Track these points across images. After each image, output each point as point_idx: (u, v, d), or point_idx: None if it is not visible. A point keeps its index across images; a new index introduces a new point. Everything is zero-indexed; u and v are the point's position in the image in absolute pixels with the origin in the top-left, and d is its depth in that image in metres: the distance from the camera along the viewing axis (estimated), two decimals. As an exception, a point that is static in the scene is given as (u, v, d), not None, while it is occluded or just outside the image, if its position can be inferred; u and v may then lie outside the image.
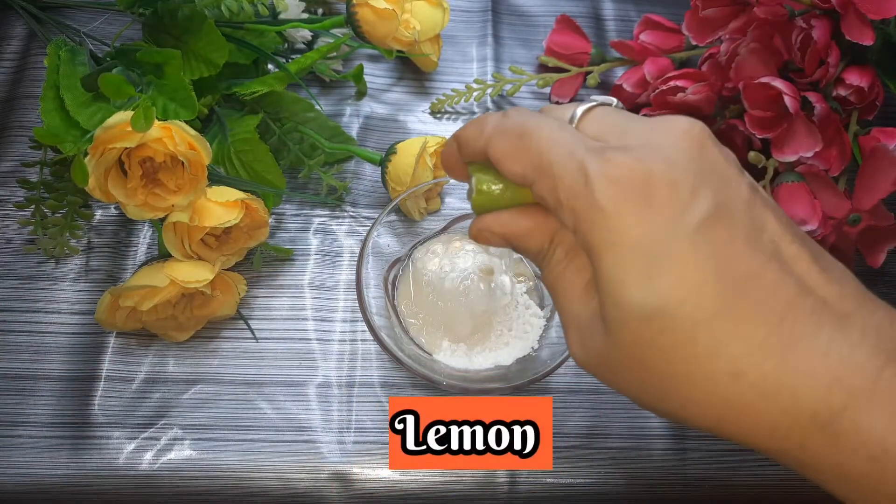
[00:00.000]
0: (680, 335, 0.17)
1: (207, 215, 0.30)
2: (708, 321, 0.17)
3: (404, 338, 0.32)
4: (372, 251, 0.32)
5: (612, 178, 0.17)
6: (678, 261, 0.17)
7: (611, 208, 0.17)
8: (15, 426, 0.32)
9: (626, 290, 0.17)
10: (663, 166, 0.17)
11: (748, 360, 0.16)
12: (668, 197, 0.17)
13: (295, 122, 0.38)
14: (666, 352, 0.17)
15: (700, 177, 0.18)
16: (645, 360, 0.17)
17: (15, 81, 0.40)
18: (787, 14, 0.33)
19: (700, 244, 0.17)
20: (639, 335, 0.17)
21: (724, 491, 0.33)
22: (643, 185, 0.17)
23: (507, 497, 0.32)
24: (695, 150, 0.18)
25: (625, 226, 0.17)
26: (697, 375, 0.17)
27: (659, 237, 0.17)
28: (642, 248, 0.17)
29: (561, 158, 0.18)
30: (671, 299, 0.17)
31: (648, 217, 0.17)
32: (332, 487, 0.32)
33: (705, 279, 0.17)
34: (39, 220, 0.35)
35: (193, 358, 0.34)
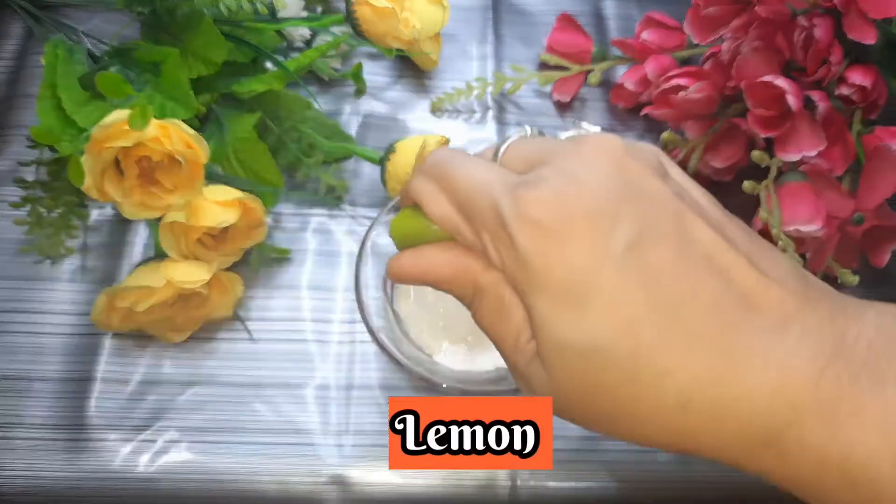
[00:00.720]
0: (621, 373, 0.16)
1: (204, 215, 0.30)
2: (647, 354, 0.16)
3: (403, 339, 0.32)
4: (371, 251, 0.32)
5: (529, 220, 0.17)
6: (608, 293, 0.16)
7: (532, 251, 0.17)
8: (10, 428, 0.31)
9: (559, 331, 0.17)
10: (579, 198, 0.17)
11: (693, 389, 0.16)
12: (587, 231, 0.17)
13: (293, 121, 0.37)
14: (610, 389, 0.17)
15: (619, 200, 0.17)
16: (592, 399, 0.17)
17: (12, 80, 0.40)
18: (789, 13, 0.33)
19: (627, 274, 0.16)
20: (581, 375, 0.17)
21: (728, 493, 0.33)
22: (561, 223, 0.17)
23: (509, 501, 0.32)
24: (611, 171, 0.18)
25: (548, 266, 0.17)
26: (644, 410, 0.17)
27: (584, 273, 0.16)
28: (570, 284, 0.17)
29: (479, 202, 0.18)
30: (606, 335, 0.16)
31: (571, 255, 0.17)
32: (330, 490, 0.31)
33: (637, 310, 0.16)
34: (35, 219, 0.35)
35: (190, 359, 0.34)
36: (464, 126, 0.41)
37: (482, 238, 0.18)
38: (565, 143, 0.19)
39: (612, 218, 0.17)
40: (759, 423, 0.16)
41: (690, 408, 0.16)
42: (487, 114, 0.41)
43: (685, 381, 0.16)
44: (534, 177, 0.18)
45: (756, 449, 0.16)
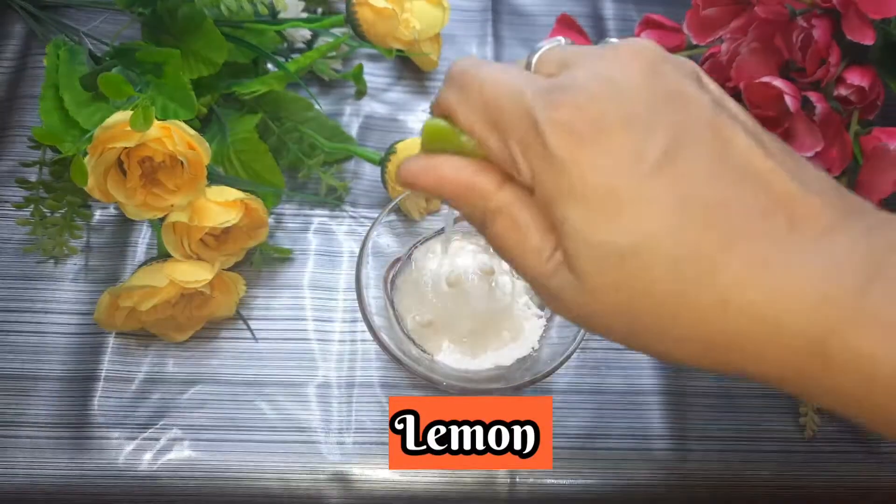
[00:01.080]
0: (660, 272, 0.16)
1: (207, 215, 0.30)
2: (686, 252, 0.16)
3: (404, 338, 0.32)
4: (372, 251, 0.32)
5: (562, 124, 0.16)
6: (645, 198, 0.16)
7: (566, 156, 0.16)
8: (14, 426, 0.32)
9: (595, 235, 0.16)
10: (614, 103, 0.17)
11: (733, 289, 0.16)
12: (623, 136, 0.16)
13: (294, 122, 0.37)
14: (650, 291, 0.16)
15: (655, 106, 0.17)
16: (627, 305, 0.17)
17: (14, 81, 0.40)
18: (787, 13, 0.33)
19: (664, 178, 0.16)
20: (618, 278, 0.16)
21: (725, 491, 0.33)
22: (596, 128, 0.16)
23: (508, 498, 0.32)
24: (647, 75, 0.17)
25: (583, 172, 0.16)
26: (684, 311, 0.16)
27: (620, 178, 0.16)
28: (605, 191, 0.16)
29: (509, 107, 0.17)
30: (644, 237, 0.16)
31: (606, 159, 0.16)
32: (331, 488, 0.32)
33: (675, 212, 0.16)
34: (38, 219, 0.35)
35: (193, 358, 0.34)
36: (464, 126, 0.41)
37: (510, 147, 0.17)
38: (599, 47, 0.18)
39: (648, 123, 0.16)
40: (802, 329, 0.15)
41: (731, 307, 0.16)
42: (487, 114, 0.41)
43: (725, 280, 0.16)
44: (567, 79, 0.17)
45: (798, 356, 0.16)
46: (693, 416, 0.34)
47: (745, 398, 0.34)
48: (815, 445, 0.34)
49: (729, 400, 0.34)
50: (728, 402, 0.34)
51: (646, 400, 0.34)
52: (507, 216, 0.18)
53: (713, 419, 0.34)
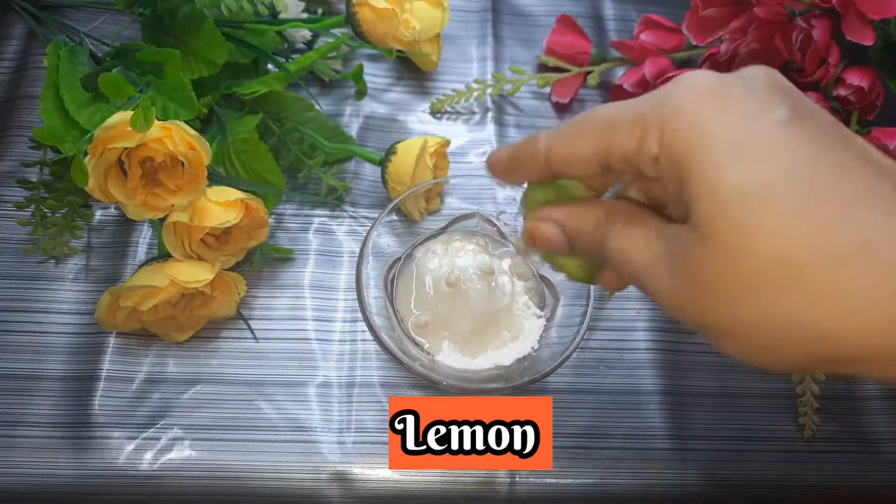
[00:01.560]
0: (785, 214, 0.15)
1: (207, 215, 0.30)
2: (815, 201, 0.15)
3: (404, 338, 0.32)
4: (372, 251, 0.32)
5: (692, 87, 0.17)
6: (770, 148, 0.16)
7: (696, 110, 0.17)
8: (15, 426, 0.32)
9: (720, 177, 0.16)
10: (737, 80, 0.18)
11: (875, 231, 0.15)
12: (747, 100, 0.17)
13: (295, 122, 0.38)
14: (770, 235, 0.16)
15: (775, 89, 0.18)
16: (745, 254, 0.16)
17: (15, 81, 0.40)
18: (787, 14, 0.33)
19: (790, 135, 0.16)
20: (738, 221, 0.16)
21: (724, 491, 0.33)
22: (722, 91, 0.17)
23: (507, 497, 0.32)
24: (768, 77, 0.18)
25: (710, 123, 0.17)
26: (819, 256, 0.15)
27: (746, 130, 0.17)
28: (731, 140, 0.17)
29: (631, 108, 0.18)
30: (770, 179, 0.16)
31: (734, 116, 0.17)
32: (332, 487, 0.32)
33: (801, 163, 0.16)
34: (39, 220, 0.35)
35: (193, 358, 0.34)
36: (463, 127, 0.41)
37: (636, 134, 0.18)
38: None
39: (770, 95, 0.17)
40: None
41: (873, 252, 0.15)
42: (487, 115, 0.42)
43: (866, 223, 0.15)
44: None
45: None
46: (693, 416, 0.34)
47: (744, 398, 0.35)
48: (815, 445, 0.34)
49: (729, 400, 0.34)
50: (728, 402, 0.34)
51: (646, 400, 0.34)
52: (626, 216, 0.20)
53: (713, 419, 0.34)
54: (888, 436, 0.34)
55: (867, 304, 0.15)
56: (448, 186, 0.38)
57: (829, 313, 0.15)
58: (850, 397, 0.35)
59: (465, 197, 0.37)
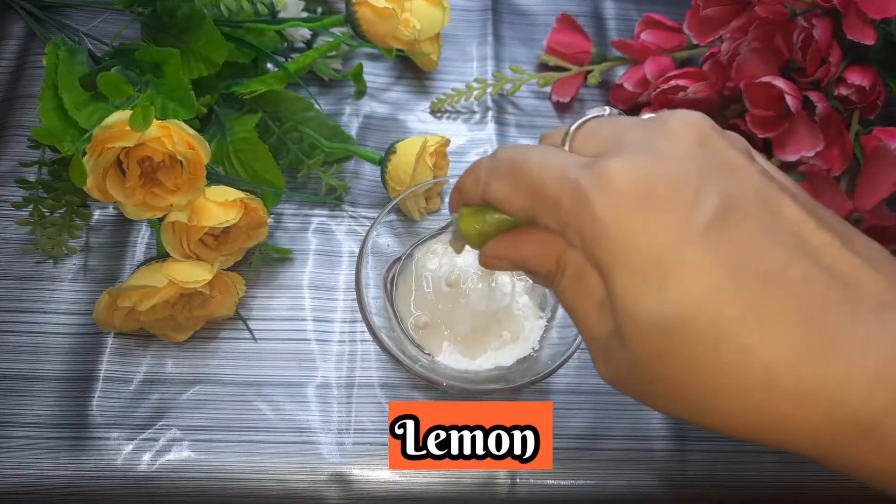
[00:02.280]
0: (703, 346, 0.16)
1: (206, 215, 0.30)
2: (732, 328, 0.15)
3: (404, 338, 0.32)
4: (371, 251, 0.32)
5: (609, 190, 0.16)
6: (691, 267, 0.16)
7: (612, 221, 0.16)
8: (12, 427, 0.32)
9: (639, 304, 0.16)
10: (661, 167, 0.16)
11: (781, 367, 0.15)
12: (670, 199, 0.16)
13: (294, 122, 0.37)
14: (691, 365, 0.16)
15: (704, 173, 0.16)
16: (671, 376, 0.16)
17: (13, 81, 0.40)
18: (788, 13, 0.33)
19: (713, 246, 0.16)
20: (661, 349, 0.16)
21: (725, 492, 0.33)
22: (643, 191, 0.16)
23: (508, 498, 0.32)
24: (695, 144, 0.17)
25: (630, 237, 0.16)
26: (727, 387, 0.16)
27: (667, 244, 0.16)
28: (651, 257, 0.16)
29: (555, 182, 0.18)
30: (689, 308, 0.16)
31: (653, 224, 0.16)
32: (331, 488, 0.32)
33: (722, 283, 0.16)
34: (37, 219, 0.35)
35: (192, 358, 0.34)
36: (463, 127, 0.41)
37: (561, 218, 0.18)
38: (647, 120, 0.18)
39: (696, 189, 0.16)
40: (855, 409, 0.15)
41: (778, 387, 0.15)
42: (487, 114, 0.41)
43: (773, 358, 0.15)
44: (615, 150, 0.17)
45: (849, 437, 0.15)
46: (693, 417, 0.34)
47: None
48: (816, 446, 0.33)
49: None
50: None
51: (646, 400, 0.34)
52: (575, 268, 0.19)
53: (714, 420, 0.34)
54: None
55: (775, 429, 0.16)
56: (448, 186, 0.38)
57: (745, 431, 0.17)
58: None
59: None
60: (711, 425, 0.17)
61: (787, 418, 0.16)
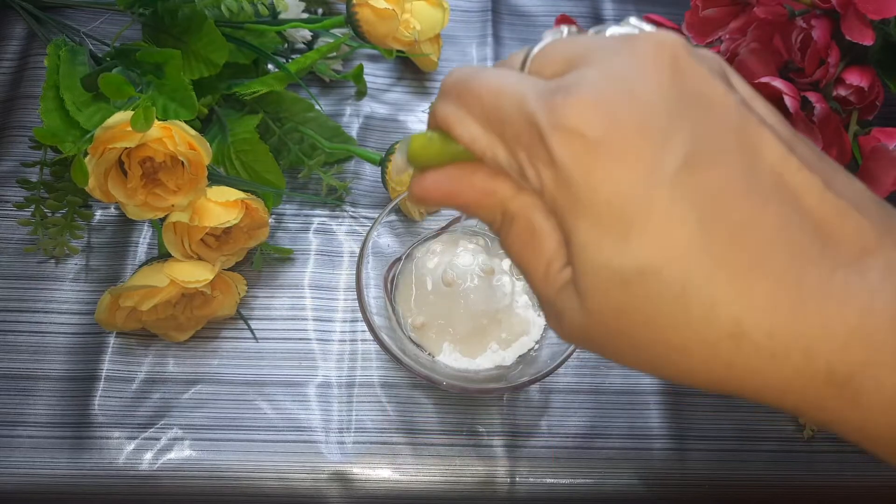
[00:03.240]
0: (667, 300, 0.14)
1: (207, 215, 0.30)
2: (698, 281, 0.14)
3: (404, 338, 0.32)
4: (372, 251, 0.32)
5: (568, 130, 0.15)
6: (658, 216, 0.14)
7: (573, 167, 0.15)
8: (15, 426, 0.32)
9: (600, 255, 0.15)
10: (627, 106, 0.15)
11: (750, 320, 0.14)
12: (638, 144, 0.14)
13: (295, 122, 0.38)
14: (654, 321, 0.15)
15: (674, 110, 0.15)
16: (632, 332, 0.15)
17: (15, 81, 0.40)
18: (787, 14, 0.33)
19: (682, 193, 0.14)
20: (621, 304, 0.15)
21: (724, 491, 0.33)
22: (607, 134, 0.15)
23: (507, 497, 0.32)
24: (666, 73, 0.15)
25: (592, 185, 0.15)
26: (693, 343, 0.15)
27: (633, 192, 0.14)
28: (615, 206, 0.15)
29: (510, 116, 0.16)
30: (653, 260, 0.14)
31: (618, 171, 0.15)
32: (331, 487, 0.32)
33: (691, 234, 0.14)
34: (39, 220, 0.35)
35: (193, 358, 0.34)
36: (464, 126, 0.41)
37: (517, 157, 0.16)
38: (613, 40, 0.16)
39: (666, 129, 0.15)
40: (829, 363, 0.14)
41: (746, 341, 0.14)
42: (487, 114, 0.42)
43: (742, 311, 0.14)
44: (574, 79, 0.15)
45: (823, 389, 0.14)
46: (692, 416, 0.34)
47: (744, 398, 0.35)
48: (815, 445, 0.34)
49: (728, 400, 0.34)
50: (727, 402, 0.34)
51: (645, 400, 0.34)
52: (524, 221, 0.17)
53: (712, 419, 0.34)
54: (888, 436, 0.34)
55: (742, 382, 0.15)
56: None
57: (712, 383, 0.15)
58: (850, 397, 0.35)
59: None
60: (676, 379, 0.16)
61: (755, 372, 0.15)
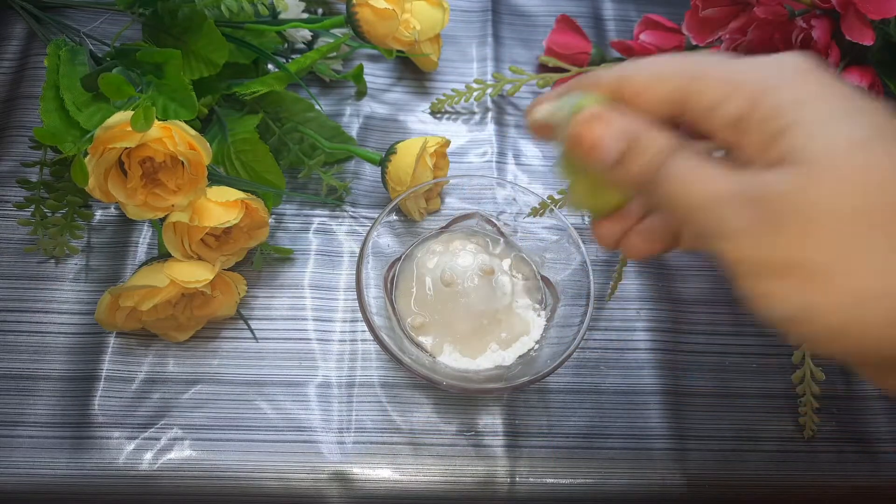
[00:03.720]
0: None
1: (207, 215, 0.30)
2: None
3: (404, 338, 0.32)
4: (372, 251, 0.32)
5: (790, 64, 0.17)
6: (874, 115, 0.17)
7: (795, 82, 0.17)
8: (15, 426, 0.32)
9: (834, 126, 0.16)
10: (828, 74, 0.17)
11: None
12: (840, 88, 0.17)
13: (295, 122, 0.38)
14: (885, 184, 0.15)
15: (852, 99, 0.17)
16: (866, 191, 0.16)
17: (15, 81, 0.40)
18: (787, 14, 0.33)
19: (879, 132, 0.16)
20: (859, 160, 0.16)
21: (724, 491, 0.33)
22: (821, 75, 0.17)
23: (507, 497, 0.32)
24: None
25: (814, 96, 0.17)
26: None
27: (846, 109, 0.17)
28: (835, 109, 0.16)
29: (716, 62, 0.18)
30: (885, 133, 0.16)
31: (832, 96, 0.17)
32: (331, 487, 0.32)
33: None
34: (39, 220, 0.35)
35: (193, 358, 0.34)
36: (463, 128, 0.41)
37: (722, 88, 0.18)
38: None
39: (851, 96, 0.17)
40: None
41: None
42: (487, 115, 0.42)
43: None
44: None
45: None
46: (692, 416, 0.34)
47: (744, 398, 0.35)
48: (815, 445, 0.34)
49: (728, 400, 0.34)
50: (727, 402, 0.34)
51: (645, 400, 0.34)
52: (692, 146, 0.18)
53: (712, 419, 0.34)
54: (888, 436, 0.34)
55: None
56: (448, 186, 0.38)
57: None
58: (850, 397, 0.35)
59: (465, 197, 0.37)
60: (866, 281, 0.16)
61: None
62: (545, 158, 0.41)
